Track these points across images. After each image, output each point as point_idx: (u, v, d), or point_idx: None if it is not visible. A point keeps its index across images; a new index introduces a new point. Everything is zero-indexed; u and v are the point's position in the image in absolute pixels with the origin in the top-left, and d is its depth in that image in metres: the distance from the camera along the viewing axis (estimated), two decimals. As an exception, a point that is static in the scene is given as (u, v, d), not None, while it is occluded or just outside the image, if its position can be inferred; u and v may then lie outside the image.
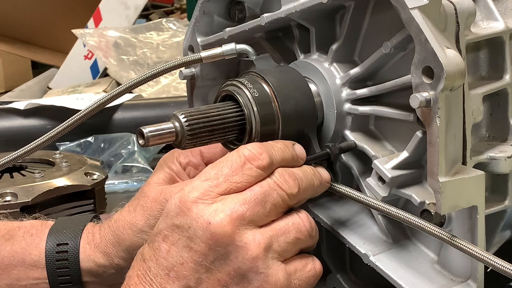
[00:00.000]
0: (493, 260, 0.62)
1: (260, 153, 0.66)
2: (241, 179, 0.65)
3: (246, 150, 0.66)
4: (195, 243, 0.62)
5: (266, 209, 0.64)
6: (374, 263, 0.73)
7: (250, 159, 0.65)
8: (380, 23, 0.73)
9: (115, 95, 0.80)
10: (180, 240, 0.63)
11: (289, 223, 0.66)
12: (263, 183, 0.65)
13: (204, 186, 0.64)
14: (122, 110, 1.66)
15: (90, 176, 1.19)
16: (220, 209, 0.62)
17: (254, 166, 0.65)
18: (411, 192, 0.69)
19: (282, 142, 0.70)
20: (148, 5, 3.18)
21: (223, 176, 0.65)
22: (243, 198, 0.64)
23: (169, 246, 0.63)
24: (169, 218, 0.64)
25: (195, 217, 0.62)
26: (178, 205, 0.64)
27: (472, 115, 0.70)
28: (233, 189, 0.64)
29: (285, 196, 0.66)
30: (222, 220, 0.62)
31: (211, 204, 0.63)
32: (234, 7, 0.88)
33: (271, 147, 0.68)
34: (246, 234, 0.63)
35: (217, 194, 0.64)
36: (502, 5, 0.77)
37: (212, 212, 0.62)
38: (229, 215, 0.62)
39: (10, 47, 2.70)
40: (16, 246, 0.81)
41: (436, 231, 0.65)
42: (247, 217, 0.63)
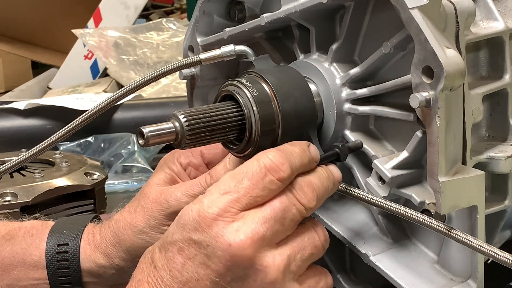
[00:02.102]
0: (492, 251, 0.62)
1: (281, 163, 0.64)
2: (262, 193, 0.63)
3: (267, 160, 0.64)
4: (213, 262, 0.60)
5: (284, 226, 0.63)
6: (374, 263, 0.73)
7: (271, 170, 0.63)
8: (380, 23, 0.73)
9: (115, 98, 0.80)
10: (197, 256, 0.61)
11: (305, 238, 0.65)
12: (283, 198, 0.63)
13: (224, 201, 0.62)
14: (122, 110, 1.66)
15: (90, 176, 1.19)
16: (241, 230, 0.61)
17: (276, 179, 0.63)
18: (411, 192, 0.69)
19: (299, 145, 0.68)
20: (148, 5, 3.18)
21: (243, 189, 0.63)
22: (264, 217, 0.62)
23: (184, 260, 0.61)
24: (186, 231, 0.62)
25: (215, 236, 0.60)
26: (196, 220, 0.62)
27: (472, 115, 0.70)
28: (253, 204, 0.62)
29: (303, 210, 0.65)
30: (243, 243, 0.60)
31: (231, 222, 0.61)
32: (234, 7, 0.88)
33: (291, 155, 0.65)
34: (266, 257, 0.61)
35: (238, 211, 0.62)
36: (502, 5, 0.77)
37: (233, 233, 0.60)
38: (251, 237, 0.60)
39: (10, 47, 2.70)
40: (16, 247, 0.81)
41: (434, 223, 0.65)
42: (267, 237, 0.62)
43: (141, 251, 0.78)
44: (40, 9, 2.81)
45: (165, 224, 0.77)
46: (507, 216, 0.78)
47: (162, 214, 0.77)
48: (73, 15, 2.80)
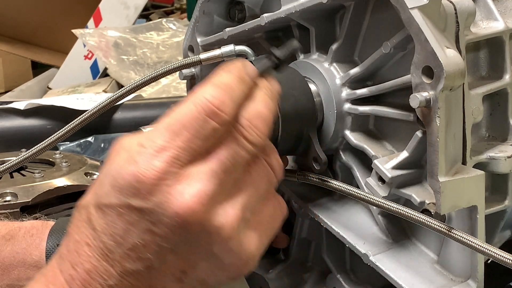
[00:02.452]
0: (492, 251, 0.62)
1: (222, 102, 0.54)
2: (204, 144, 0.54)
3: (205, 101, 0.54)
4: (159, 228, 0.53)
5: (234, 174, 0.55)
6: (374, 263, 0.73)
7: (211, 114, 0.54)
8: (380, 23, 0.73)
9: (115, 98, 0.80)
10: (140, 222, 0.54)
11: (258, 177, 0.57)
12: (229, 143, 0.55)
13: (162, 160, 0.53)
14: (122, 110, 1.66)
15: (90, 176, 1.19)
16: (186, 191, 0.53)
17: (218, 124, 0.54)
18: (411, 192, 0.69)
19: (235, 70, 0.58)
20: (148, 5, 3.18)
21: (182, 143, 0.54)
22: (210, 170, 0.54)
23: (126, 225, 0.54)
24: (123, 195, 0.54)
25: (158, 202, 0.53)
26: (133, 185, 0.53)
27: (472, 115, 0.70)
28: (196, 158, 0.54)
29: (254, 149, 0.56)
30: (191, 207, 0.53)
31: (174, 185, 0.53)
32: (234, 7, 0.88)
33: (230, 87, 0.56)
34: (217, 216, 0.54)
35: (179, 169, 0.53)
36: (502, 5, 0.77)
37: (177, 197, 0.53)
38: (198, 198, 0.53)
39: (10, 47, 2.70)
40: (16, 247, 0.81)
41: (434, 223, 0.65)
42: (217, 193, 0.54)
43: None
44: (40, 9, 2.81)
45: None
46: (507, 216, 0.78)
47: None
48: (73, 15, 2.80)
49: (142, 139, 0.55)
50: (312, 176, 0.75)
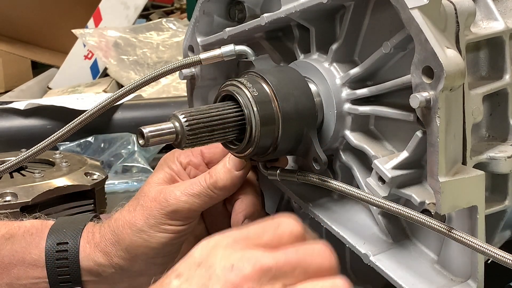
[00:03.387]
0: (492, 251, 0.62)
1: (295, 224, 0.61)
2: (271, 238, 0.60)
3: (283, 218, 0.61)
4: (212, 283, 0.56)
5: (294, 273, 0.58)
6: (374, 263, 0.73)
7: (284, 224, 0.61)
8: (380, 23, 0.73)
9: (115, 98, 0.80)
10: (196, 278, 0.57)
11: (317, 285, 0.59)
12: (299, 248, 0.60)
13: (235, 236, 0.60)
14: (122, 110, 1.66)
15: (90, 176, 1.19)
16: (247, 256, 0.57)
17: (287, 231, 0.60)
18: (411, 192, 0.69)
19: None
20: (148, 5, 3.18)
21: (254, 232, 0.60)
22: (273, 255, 0.58)
23: (181, 282, 0.57)
24: (191, 258, 0.59)
25: (220, 258, 0.57)
26: (205, 247, 0.59)
27: (472, 115, 0.70)
28: (262, 245, 0.59)
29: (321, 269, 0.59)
30: (246, 267, 0.57)
31: (239, 250, 0.58)
32: (234, 7, 0.88)
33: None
34: (265, 287, 0.57)
35: (247, 245, 0.59)
36: (502, 5, 0.77)
37: (238, 257, 0.57)
38: (253, 265, 0.57)
39: (10, 47, 2.70)
40: (16, 245, 0.81)
41: (434, 223, 0.65)
42: (272, 272, 0.57)
43: (140, 250, 0.78)
44: (40, 9, 2.81)
45: (164, 223, 0.77)
46: (507, 216, 0.78)
47: (161, 213, 0.77)
48: (73, 15, 2.80)
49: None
50: (312, 176, 0.75)
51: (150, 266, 0.80)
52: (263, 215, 0.83)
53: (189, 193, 0.77)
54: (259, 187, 0.83)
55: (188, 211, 0.77)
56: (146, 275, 0.81)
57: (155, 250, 0.78)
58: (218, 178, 0.77)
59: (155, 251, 0.78)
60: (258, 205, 0.81)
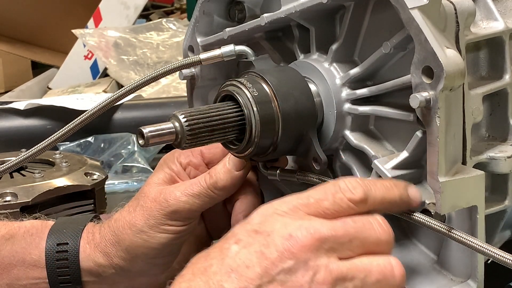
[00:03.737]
0: (492, 251, 0.62)
1: (354, 187, 0.63)
2: (330, 206, 0.62)
3: (342, 182, 0.64)
4: (269, 250, 0.59)
5: (352, 244, 0.61)
6: (374, 263, 0.73)
7: (343, 190, 0.63)
8: (380, 23, 0.73)
9: (115, 98, 0.80)
10: (255, 244, 0.59)
11: (373, 263, 0.61)
12: (357, 219, 0.62)
13: (294, 203, 0.62)
14: (122, 110, 1.66)
15: (90, 176, 1.19)
16: (305, 225, 0.59)
17: (346, 198, 0.62)
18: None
19: (392, 181, 0.67)
20: (148, 5, 3.18)
21: (314, 199, 0.62)
22: (332, 225, 0.60)
23: (240, 248, 0.60)
24: (250, 224, 0.61)
25: (279, 227, 0.60)
26: (263, 214, 0.62)
27: (472, 115, 0.70)
28: (321, 213, 0.61)
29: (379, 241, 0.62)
30: (304, 237, 0.59)
31: (297, 219, 0.60)
32: (234, 7, 0.88)
33: (372, 184, 0.64)
34: (322, 258, 0.59)
35: (305, 214, 0.61)
36: (502, 5, 0.77)
37: (296, 226, 0.59)
38: (312, 233, 0.59)
39: (10, 47, 2.70)
40: (16, 246, 0.81)
41: (434, 223, 0.65)
42: (329, 243, 0.59)
43: (140, 250, 0.78)
44: (40, 9, 2.82)
45: (164, 223, 0.77)
46: (507, 216, 0.78)
47: (161, 213, 0.77)
48: (73, 15, 2.80)
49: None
50: (312, 176, 0.75)
51: (150, 267, 0.80)
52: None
53: (189, 193, 0.77)
54: (259, 187, 0.83)
55: (188, 212, 0.77)
56: (146, 275, 0.81)
57: (155, 250, 0.78)
58: (218, 179, 0.77)
59: (155, 252, 0.78)
60: (258, 205, 0.81)
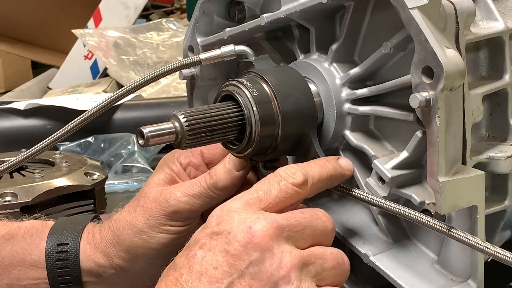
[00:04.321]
0: (493, 249, 0.62)
1: (293, 173, 0.68)
2: (278, 194, 0.66)
3: (281, 171, 0.68)
4: (233, 247, 0.62)
5: (304, 233, 0.65)
6: (374, 263, 0.73)
7: (284, 177, 0.67)
8: (380, 23, 0.73)
9: (115, 98, 0.80)
10: (218, 245, 0.63)
11: (327, 251, 0.66)
12: (305, 211, 0.67)
13: (245, 198, 0.66)
14: (122, 110, 1.66)
15: (90, 176, 1.19)
16: (262, 217, 0.64)
17: (289, 183, 0.67)
18: (411, 192, 0.69)
19: (323, 158, 0.72)
20: (148, 5, 3.18)
21: (261, 191, 0.67)
22: (285, 215, 0.65)
23: (205, 252, 0.63)
24: (209, 228, 0.65)
25: (237, 223, 0.63)
26: (219, 215, 0.65)
27: (472, 115, 0.70)
28: (272, 204, 0.66)
29: (327, 230, 0.67)
30: (263, 226, 0.62)
31: (252, 213, 0.64)
32: (234, 7, 0.88)
33: (307, 165, 0.70)
34: (284, 245, 0.63)
35: (258, 207, 0.65)
36: (502, 5, 0.77)
37: (254, 219, 0.63)
38: (270, 223, 0.63)
39: (10, 47, 2.70)
40: (16, 246, 0.81)
41: (434, 223, 0.65)
42: (287, 231, 0.64)
43: (140, 251, 0.78)
44: (40, 9, 2.82)
45: (164, 223, 0.77)
46: (507, 216, 0.77)
47: (161, 214, 0.77)
48: (73, 15, 2.80)
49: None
50: (312, 176, 0.75)
51: (150, 267, 0.80)
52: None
53: (189, 193, 0.77)
54: (259, 187, 0.83)
55: (188, 212, 0.77)
56: (147, 275, 0.81)
57: (156, 250, 0.78)
58: (218, 179, 0.77)
59: (156, 252, 0.78)
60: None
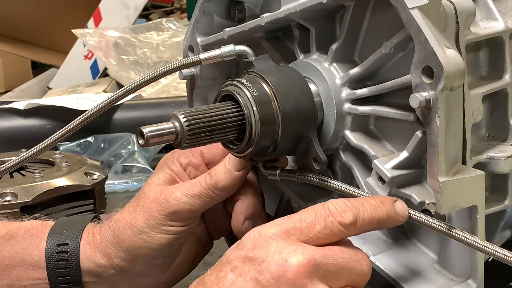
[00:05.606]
0: (493, 249, 0.62)
1: (344, 211, 0.63)
2: (321, 230, 0.62)
3: (331, 205, 0.64)
4: (265, 278, 0.59)
5: (339, 274, 0.62)
6: (374, 263, 0.73)
7: (333, 213, 0.63)
8: (380, 23, 0.73)
9: (115, 98, 0.80)
10: (250, 272, 0.60)
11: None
12: (345, 250, 0.63)
13: (286, 226, 0.62)
14: (122, 110, 1.66)
15: (90, 176, 1.19)
16: (299, 250, 0.60)
17: (336, 221, 0.63)
18: (411, 192, 0.69)
19: (379, 198, 0.67)
20: (148, 5, 3.18)
21: (305, 222, 0.63)
22: (323, 252, 0.61)
23: (235, 276, 0.60)
24: (243, 250, 0.61)
25: (273, 252, 0.60)
26: (256, 238, 0.62)
27: (472, 115, 0.70)
28: (312, 238, 0.62)
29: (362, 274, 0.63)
30: (300, 262, 0.59)
31: (290, 244, 0.61)
32: (234, 7, 0.88)
33: (360, 205, 0.65)
34: (317, 284, 0.59)
35: (297, 239, 0.62)
36: (502, 5, 0.77)
37: (291, 251, 0.60)
38: (308, 259, 0.59)
39: (10, 47, 2.70)
40: (16, 246, 0.81)
41: (434, 223, 0.65)
42: (322, 270, 0.60)
43: (140, 251, 0.78)
44: (40, 9, 2.81)
45: (164, 224, 0.77)
46: (507, 216, 0.78)
47: (161, 214, 0.77)
48: (73, 15, 2.80)
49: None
50: (312, 176, 0.75)
51: (150, 267, 0.80)
52: (264, 215, 0.83)
53: (189, 194, 0.77)
54: (259, 188, 0.83)
55: (188, 212, 0.77)
56: (147, 276, 0.81)
57: (156, 251, 0.78)
58: (219, 179, 0.77)
59: (156, 252, 0.78)
60: (259, 205, 0.81)
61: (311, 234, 0.62)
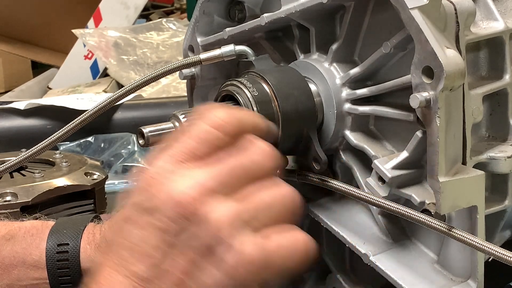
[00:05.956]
0: (493, 249, 0.62)
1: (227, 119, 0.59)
2: (206, 149, 0.58)
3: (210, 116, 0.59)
4: (156, 219, 0.56)
5: (237, 180, 0.58)
6: (374, 263, 0.73)
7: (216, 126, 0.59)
8: (380, 23, 0.73)
9: (115, 98, 0.80)
10: (142, 218, 0.56)
11: (269, 194, 0.59)
12: (236, 155, 0.58)
13: (163, 160, 0.58)
14: (122, 110, 1.66)
15: (90, 176, 1.19)
16: (180, 180, 0.56)
17: (222, 134, 0.58)
18: (411, 192, 0.69)
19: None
20: (148, 5, 3.18)
21: (180, 143, 0.58)
22: (208, 169, 0.57)
23: (130, 227, 0.57)
24: (130, 199, 0.58)
25: (155, 192, 0.56)
26: (138, 186, 0.58)
27: (472, 115, 0.70)
28: (198, 160, 0.58)
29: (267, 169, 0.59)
30: (185, 190, 0.55)
31: (171, 176, 0.57)
32: (234, 7, 0.88)
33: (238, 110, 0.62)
34: (211, 204, 0.55)
35: (177, 164, 0.57)
36: (502, 5, 0.77)
37: (173, 184, 0.56)
38: (192, 185, 0.56)
39: (10, 47, 2.70)
40: (16, 246, 0.81)
41: (434, 223, 0.65)
42: (211, 187, 0.56)
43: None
44: (40, 9, 2.81)
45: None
46: (507, 216, 0.78)
47: None
48: (73, 15, 2.80)
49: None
50: (312, 176, 0.75)
51: (150, 267, 0.80)
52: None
53: None
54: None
55: (188, 212, 0.77)
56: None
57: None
58: None
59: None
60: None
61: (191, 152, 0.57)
